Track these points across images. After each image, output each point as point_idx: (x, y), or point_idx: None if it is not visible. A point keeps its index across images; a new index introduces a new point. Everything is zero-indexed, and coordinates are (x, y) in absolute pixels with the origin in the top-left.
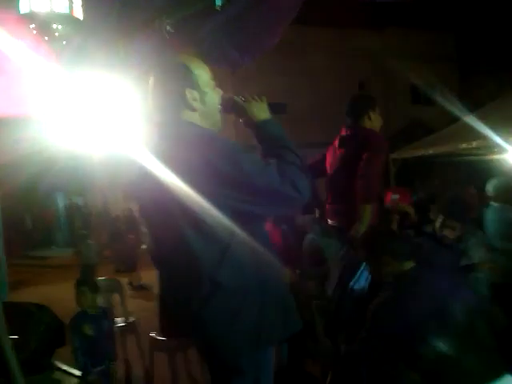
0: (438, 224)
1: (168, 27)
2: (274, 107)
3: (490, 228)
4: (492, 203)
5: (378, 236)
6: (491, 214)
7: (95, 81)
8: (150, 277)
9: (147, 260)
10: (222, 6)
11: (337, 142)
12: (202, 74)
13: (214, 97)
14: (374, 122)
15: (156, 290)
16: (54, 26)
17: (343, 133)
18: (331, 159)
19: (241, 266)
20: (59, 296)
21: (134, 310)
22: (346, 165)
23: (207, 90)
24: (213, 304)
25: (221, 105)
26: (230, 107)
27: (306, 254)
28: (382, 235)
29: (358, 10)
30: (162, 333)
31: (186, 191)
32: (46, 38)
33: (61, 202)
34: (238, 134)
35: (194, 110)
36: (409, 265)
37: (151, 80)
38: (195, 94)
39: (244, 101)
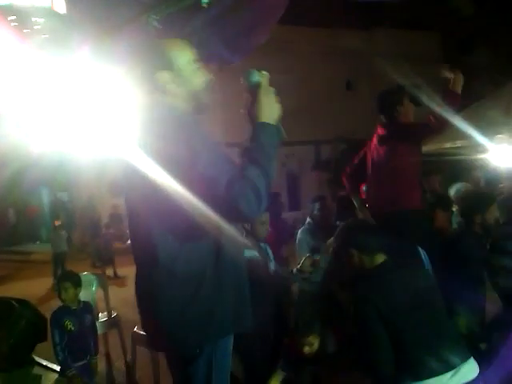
0: None
1: (154, 23)
2: None
3: None
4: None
5: (348, 230)
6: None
7: (78, 76)
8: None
9: (127, 255)
10: (209, 4)
11: (375, 141)
12: (180, 55)
13: (195, 78)
14: (405, 113)
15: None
16: (34, 19)
17: (380, 132)
18: (373, 158)
19: (198, 258)
20: (42, 291)
21: (116, 305)
22: (389, 161)
23: (186, 71)
24: (166, 293)
25: (244, 77)
26: (250, 85)
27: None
28: (351, 229)
29: (346, 10)
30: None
31: (150, 180)
32: (26, 30)
33: (46, 198)
34: (228, 130)
35: (165, 92)
36: (380, 258)
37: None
38: (167, 76)
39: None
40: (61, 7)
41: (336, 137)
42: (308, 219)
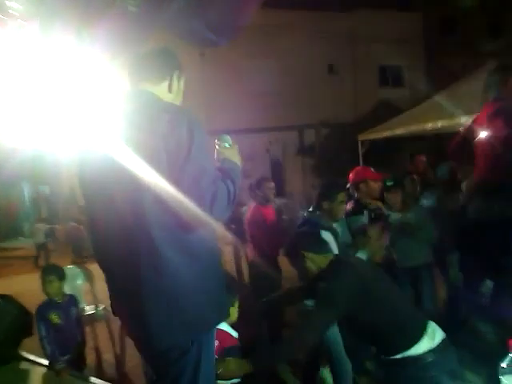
0: None
1: (132, 8)
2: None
3: None
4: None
5: (300, 236)
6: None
7: (57, 64)
8: None
9: None
10: None
11: (483, 120)
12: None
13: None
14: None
15: None
16: (8, 2)
17: (490, 109)
18: (486, 130)
19: (185, 253)
20: (27, 287)
21: (104, 298)
22: (501, 139)
23: (179, 87)
24: (153, 288)
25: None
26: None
27: None
28: (303, 235)
29: None
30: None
31: (136, 174)
32: (1, 16)
33: (26, 192)
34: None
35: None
36: (331, 255)
37: (136, 64)
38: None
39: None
40: None
41: (319, 121)
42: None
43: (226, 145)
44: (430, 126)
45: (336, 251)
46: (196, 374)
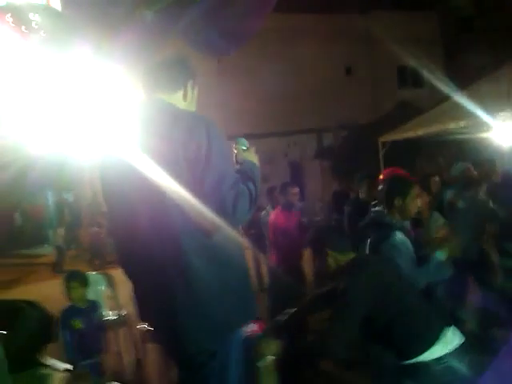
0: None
1: (149, 17)
2: None
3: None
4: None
5: (319, 232)
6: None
7: (78, 74)
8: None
9: None
10: None
11: None
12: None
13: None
14: None
15: None
16: (31, 16)
17: None
18: None
19: (212, 259)
20: (51, 293)
21: (125, 303)
22: None
23: (193, 94)
24: (181, 295)
25: (236, 142)
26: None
27: None
28: (322, 231)
29: None
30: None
31: (156, 179)
32: (24, 28)
33: (50, 199)
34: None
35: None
36: (352, 255)
37: (151, 75)
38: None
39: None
40: (56, 4)
41: (337, 124)
42: None
43: (243, 147)
44: (451, 126)
45: (411, 253)
46: (225, 375)
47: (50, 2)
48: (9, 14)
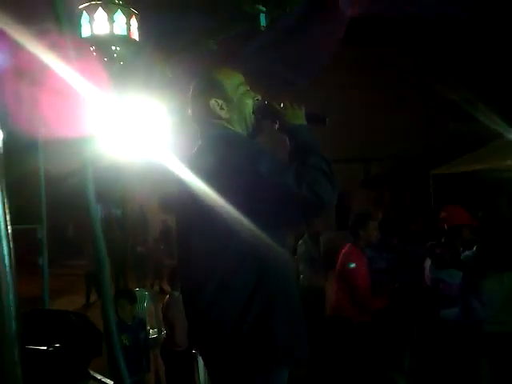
0: None
1: (214, 47)
2: (313, 118)
3: None
4: None
5: None
6: None
7: (142, 99)
8: None
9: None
10: (267, 27)
11: None
12: (229, 81)
13: (244, 102)
14: None
15: None
16: (113, 47)
17: None
18: None
19: (246, 275)
20: (97, 305)
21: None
22: None
23: (236, 96)
24: (215, 313)
25: (256, 110)
26: (266, 112)
27: None
28: None
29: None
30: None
31: (210, 197)
32: (106, 59)
33: (101, 214)
34: (275, 150)
35: (221, 118)
36: None
37: (189, 95)
38: (221, 102)
39: (282, 107)
40: (135, 35)
41: (386, 154)
42: None
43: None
44: (509, 162)
45: None
46: None
47: (131, 34)
48: (93, 46)
